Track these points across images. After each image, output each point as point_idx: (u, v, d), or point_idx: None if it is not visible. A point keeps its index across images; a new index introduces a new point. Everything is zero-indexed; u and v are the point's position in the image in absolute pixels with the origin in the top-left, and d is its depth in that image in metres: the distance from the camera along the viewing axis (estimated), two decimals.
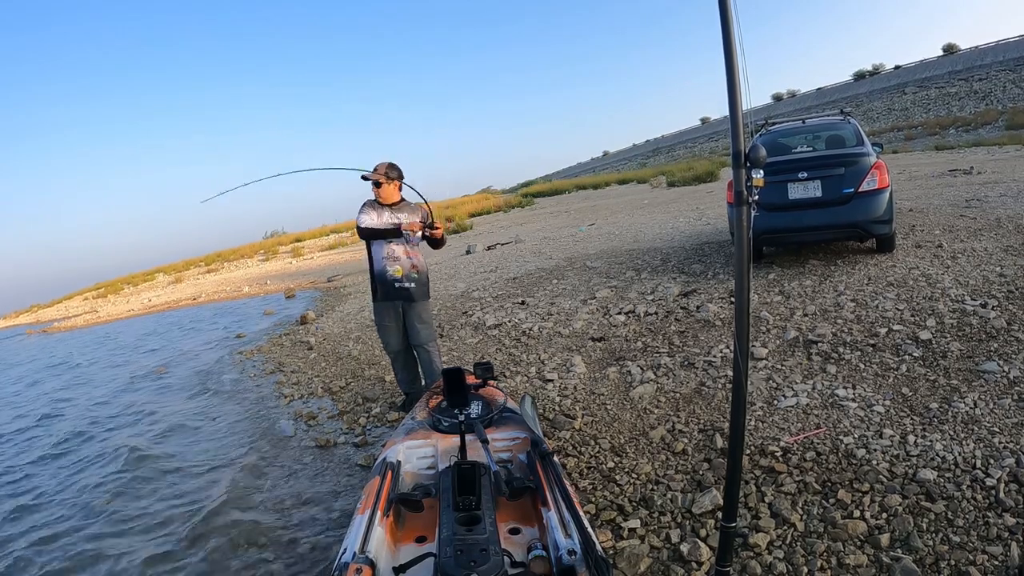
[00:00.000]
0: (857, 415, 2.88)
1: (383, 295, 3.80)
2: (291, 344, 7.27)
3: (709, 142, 47.91)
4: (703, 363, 3.78)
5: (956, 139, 23.42)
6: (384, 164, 3.77)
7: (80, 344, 12.44)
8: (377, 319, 3.94)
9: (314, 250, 27.67)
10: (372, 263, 3.80)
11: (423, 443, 2.39)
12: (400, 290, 3.76)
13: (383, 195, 3.78)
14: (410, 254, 3.78)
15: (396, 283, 3.75)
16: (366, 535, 1.71)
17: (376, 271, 3.79)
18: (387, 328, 3.87)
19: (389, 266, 3.74)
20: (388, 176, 3.74)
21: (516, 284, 7.42)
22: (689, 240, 8.19)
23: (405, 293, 3.77)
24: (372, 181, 3.74)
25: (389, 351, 3.98)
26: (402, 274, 3.75)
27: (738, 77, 1.52)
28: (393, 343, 3.90)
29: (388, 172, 3.74)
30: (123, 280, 32.97)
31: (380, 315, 3.89)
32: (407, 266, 3.76)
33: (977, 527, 2.08)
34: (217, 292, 17.96)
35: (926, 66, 39.33)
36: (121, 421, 5.44)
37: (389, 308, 3.83)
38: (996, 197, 7.51)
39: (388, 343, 3.92)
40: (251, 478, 3.59)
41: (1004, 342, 3.30)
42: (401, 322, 3.86)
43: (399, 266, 3.75)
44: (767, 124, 6.79)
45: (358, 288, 11.32)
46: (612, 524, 2.44)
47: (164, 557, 2.81)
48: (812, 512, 2.29)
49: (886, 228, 5.07)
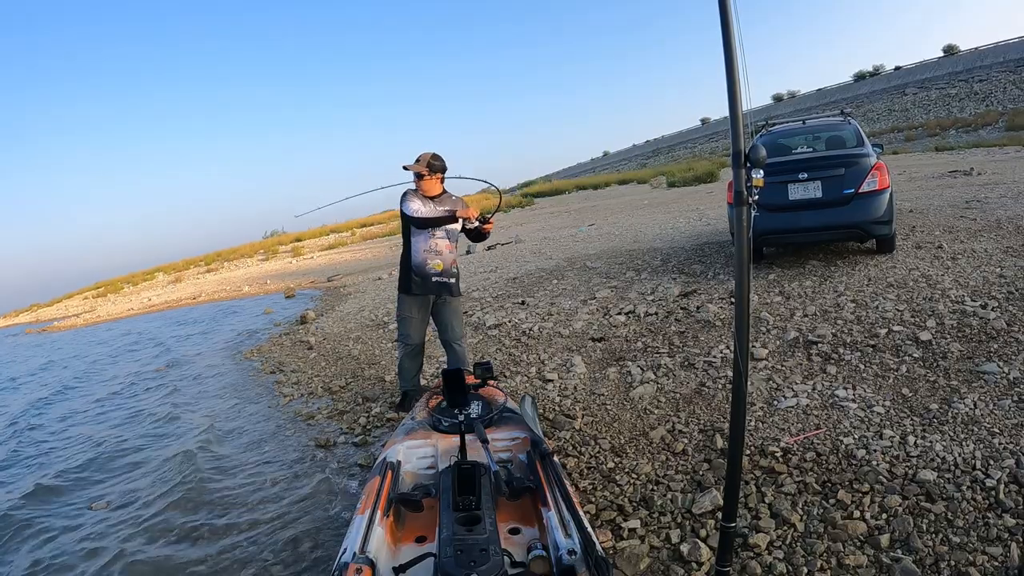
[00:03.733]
0: (857, 416, 2.88)
1: (418, 288, 3.70)
2: (291, 344, 7.27)
3: (709, 142, 47.90)
4: (703, 363, 3.78)
5: (956, 140, 23.43)
6: (427, 154, 3.65)
7: (79, 344, 12.44)
8: (402, 310, 3.83)
9: (314, 250, 27.68)
10: (411, 255, 3.69)
11: (423, 443, 2.39)
12: (439, 284, 3.69)
13: (425, 187, 3.66)
14: (451, 248, 3.72)
15: (435, 277, 3.67)
16: (366, 535, 1.71)
17: (415, 263, 3.68)
18: (411, 320, 3.78)
19: (430, 260, 3.65)
20: (431, 167, 3.63)
21: (516, 284, 7.42)
22: (689, 240, 8.19)
23: (445, 288, 3.71)
24: (415, 173, 3.63)
25: (408, 343, 3.84)
26: (442, 268, 3.68)
27: (738, 77, 1.52)
28: (415, 336, 3.80)
29: (431, 163, 3.63)
30: (123, 279, 32.98)
31: (407, 307, 3.78)
32: (448, 261, 3.70)
33: (977, 528, 2.08)
34: (217, 291, 17.97)
35: (926, 67, 39.32)
36: (119, 421, 5.44)
37: (419, 301, 3.75)
38: (996, 198, 7.51)
39: (409, 335, 3.81)
40: (250, 477, 3.59)
41: (1004, 343, 3.30)
42: (427, 316, 3.80)
43: (440, 260, 3.67)
44: (767, 125, 6.80)
45: (358, 288, 11.32)
46: (612, 524, 2.44)
47: (163, 557, 2.81)
48: (812, 512, 2.29)
49: (886, 229, 5.07)
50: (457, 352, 3.86)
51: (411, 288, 3.72)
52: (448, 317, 3.80)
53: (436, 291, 3.72)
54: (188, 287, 22.43)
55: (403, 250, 3.79)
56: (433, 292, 3.73)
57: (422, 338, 3.85)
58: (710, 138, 49.43)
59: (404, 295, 3.79)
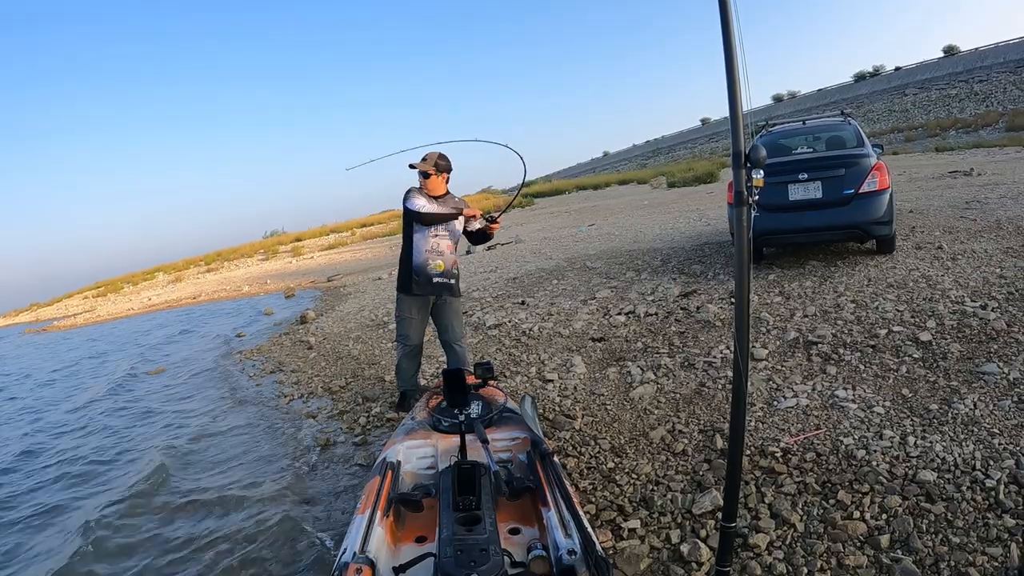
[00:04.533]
0: (857, 416, 2.88)
1: (418, 288, 3.66)
2: (291, 343, 7.27)
3: (709, 143, 47.89)
4: (703, 364, 3.78)
5: (956, 141, 23.42)
6: (434, 154, 3.63)
7: (78, 343, 12.44)
8: (401, 311, 3.80)
9: (314, 250, 27.68)
10: (412, 254, 3.65)
11: (423, 443, 2.39)
12: (439, 285, 3.66)
13: (431, 186, 3.64)
14: (452, 249, 3.69)
15: (436, 277, 3.64)
16: (366, 535, 1.71)
17: (415, 263, 3.64)
18: (410, 321, 3.75)
19: (431, 260, 3.62)
20: (438, 167, 3.61)
21: (516, 284, 7.42)
22: (689, 241, 8.19)
23: (446, 288, 3.69)
24: (420, 172, 3.60)
25: (407, 343, 3.81)
26: (443, 269, 3.65)
27: (738, 77, 1.53)
28: (414, 336, 3.77)
29: (438, 163, 3.61)
30: (123, 279, 32.97)
31: (406, 307, 3.75)
32: (449, 262, 3.67)
33: (977, 528, 2.08)
34: (217, 291, 17.97)
35: (926, 67, 39.33)
36: (118, 421, 5.44)
37: (419, 301, 3.72)
38: (996, 199, 7.51)
39: (408, 336, 3.78)
40: (249, 477, 3.58)
41: (1004, 343, 3.30)
42: (426, 317, 3.77)
43: (441, 261, 3.64)
44: (767, 125, 6.80)
45: (358, 288, 11.32)
46: (612, 524, 2.44)
47: (162, 557, 2.81)
48: (812, 513, 2.29)
49: (886, 229, 5.07)
50: (458, 353, 3.85)
51: (411, 288, 3.68)
52: (448, 318, 3.78)
53: (437, 292, 3.69)
54: (188, 287, 22.43)
55: (403, 249, 3.75)
56: (434, 293, 3.70)
57: (421, 339, 3.83)
58: (710, 138, 49.43)
59: (404, 295, 3.75)
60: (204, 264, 32.59)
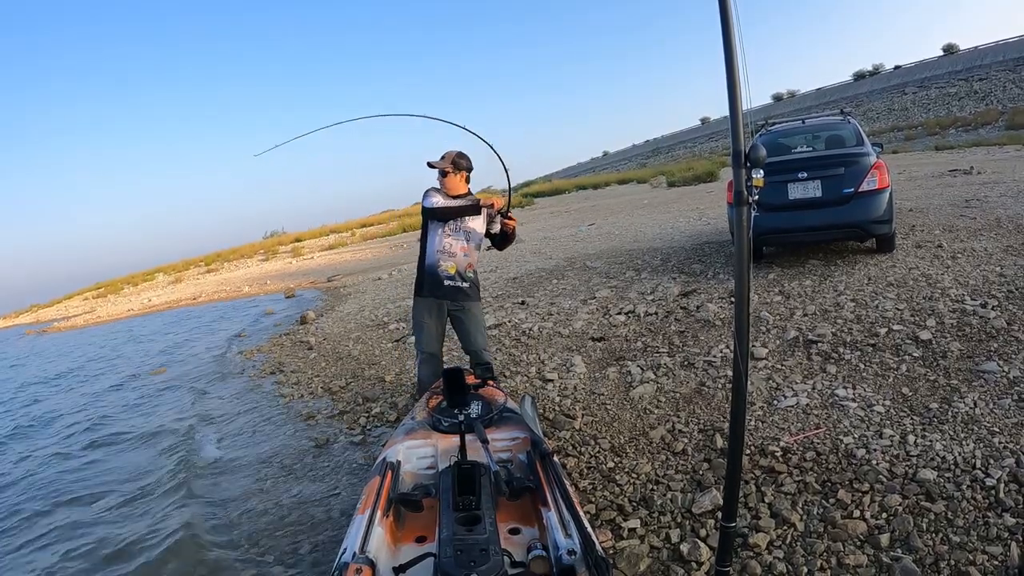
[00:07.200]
0: (857, 415, 2.88)
1: (428, 290, 3.46)
2: (291, 344, 7.27)
3: (709, 142, 47.87)
4: (703, 363, 3.78)
5: (956, 139, 23.43)
6: (453, 152, 3.47)
7: (78, 344, 12.44)
8: (415, 315, 3.57)
9: (314, 250, 27.68)
10: (425, 254, 3.48)
11: (423, 443, 2.39)
12: (449, 288, 3.41)
13: (449, 185, 3.45)
14: (467, 251, 3.46)
15: (446, 280, 3.42)
16: (366, 535, 1.71)
17: (427, 264, 3.46)
18: (424, 326, 3.51)
19: (442, 261, 3.42)
20: (456, 165, 3.44)
21: (516, 284, 7.42)
22: (689, 240, 8.19)
23: (455, 292, 3.43)
24: (439, 170, 3.45)
25: (421, 351, 3.57)
26: (455, 271, 3.43)
27: (738, 77, 1.52)
28: (428, 344, 3.49)
29: (456, 161, 3.45)
30: (123, 280, 32.98)
31: (419, 311, 3.53)
32: (463, 264, 3.44)
33: (977, 527, 2.08)
34: (217, 292, 17.97)
35: (926, 66, 39.30)
36: (117, 421, 5.44)
37: (431, 305, 3.48)
38: (996, 197, 7.51)
39: (422, 342, 3.52)
40: (250, 477, 3.59)
41: (1004, 342, 3.30)
42: (443, 323, 3.53)
43: (453, 263, 3.43)
44: (767, 124, 6.80)
45: (358, 288, 11.32)
46: (612, 524, 2.44)
47: (163, 557, 2.81)
48: (812, 512, 2.29)
49: (886, 228, 5.07)
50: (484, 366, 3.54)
51: (421, 289, 3.51)
52: (468, 325, 3.52)
53: (447, 295, 3.46)
54: (188, 288, 22.43)
55: (420, 252, 3.56)
56: (444, 296, 3.46)
57: (437, 347, 3.55)
58: (710, 138, 49.40)
59: (416, 297, 3.57)
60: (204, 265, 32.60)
